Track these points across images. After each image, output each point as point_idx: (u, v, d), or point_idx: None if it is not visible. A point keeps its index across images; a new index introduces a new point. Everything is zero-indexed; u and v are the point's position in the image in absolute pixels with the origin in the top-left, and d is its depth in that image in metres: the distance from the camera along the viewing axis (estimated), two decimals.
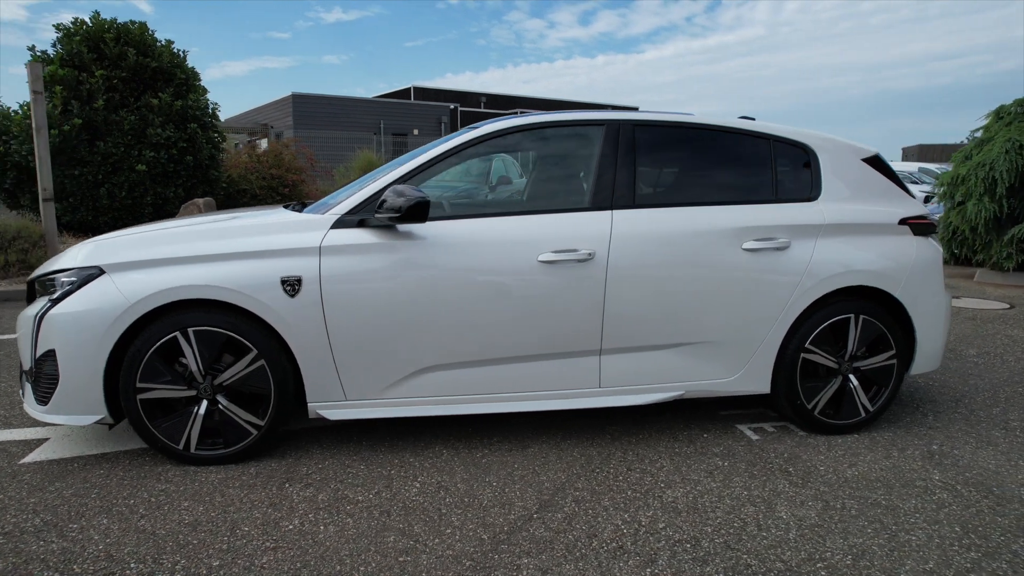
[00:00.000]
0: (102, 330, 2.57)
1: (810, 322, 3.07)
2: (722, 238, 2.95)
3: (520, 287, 2.79)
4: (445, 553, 2.13)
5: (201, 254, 2.66)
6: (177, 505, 2.40)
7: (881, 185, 3.28)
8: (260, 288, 2.63)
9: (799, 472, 2.78)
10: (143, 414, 2.66)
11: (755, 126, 3.21)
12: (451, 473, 2.71)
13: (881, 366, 3.18)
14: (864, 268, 3.07)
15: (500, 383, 2.88)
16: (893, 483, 2.69)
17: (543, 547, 2.18)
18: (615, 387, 2.96)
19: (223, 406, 2.71)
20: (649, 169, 3.07)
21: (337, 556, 2.10)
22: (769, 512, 2.44)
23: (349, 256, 2.71)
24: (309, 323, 2.68)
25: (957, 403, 3.65)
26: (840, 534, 2.30)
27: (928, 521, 2.39)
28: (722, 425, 3.29)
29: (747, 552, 2.18)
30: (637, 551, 2.17)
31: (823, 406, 3.15)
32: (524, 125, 3.02)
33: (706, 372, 3.03)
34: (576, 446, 3.01)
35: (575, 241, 2.82)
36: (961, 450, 3.02)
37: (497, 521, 2.34)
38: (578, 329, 2.86)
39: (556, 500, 2.50)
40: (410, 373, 2.80)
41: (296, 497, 2.48)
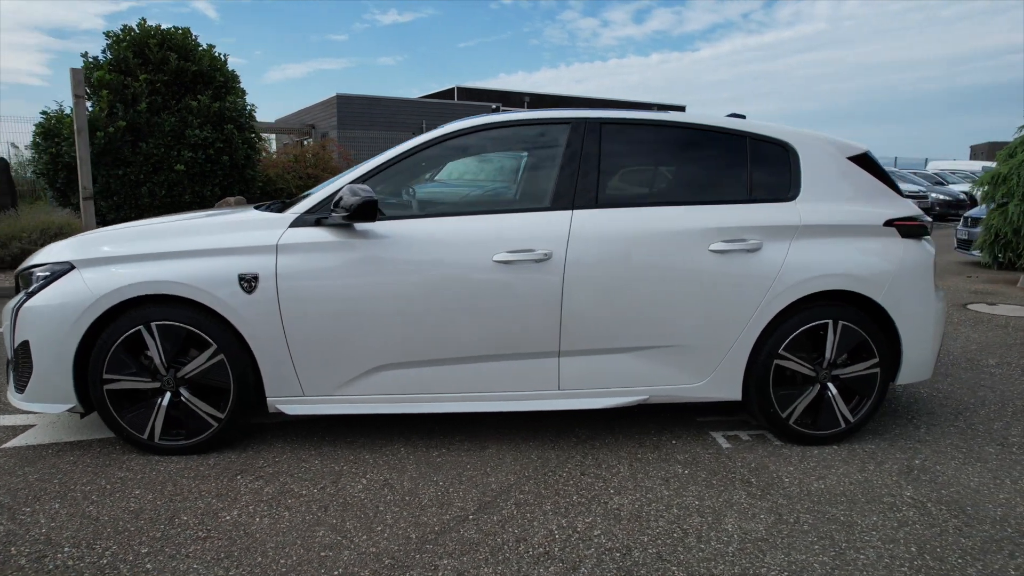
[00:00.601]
0: (70, 323, 2.69)
1: (784, 327, 2.94)
2: (687, 239, 2.86)
3: (474, 287, 2.78)
4: (368, 550, 2.14)
5: (164, 251, 2.75)
6: (129, 493, 2.49)
7: (868, 185, 3.12)
8: (218, 284, 2.70)
9: (761, 483, 2.67)
10: (110, 404, 2.76)
11: (731, 124, 3.10)
12: (401, 471, 2.72)
13: (862, 375, 3.02)
14: (843, 272, 2.93)
15: (457, 383, 2.87)
16: (858, 498, 2.56)
17: (468, 549, 2.16)
18: (575, 390, 2.92)
19: (185, 398, 2.80)
20: (616, 168, 3.01)
21: (262, 548, 2.13)
22: (715, 523, 2.36)
23: (304, 254, 2.75)
24: (265, 319, 2.74)
25: (957, 416, 3.44)
26: (784, 549, 2.20)
27: (884, 540, 2.27)
28: (696, 432, 3.20)
29: (678, 564, 2.11)
30: (562, 558, 2.13)
31: (799, 415, 3.02)
32: (486, 124, 3.00)
33: (671, 377, 2.95)
34: (536, 448, 2.97)
35: (532, 241, 2.79)
36: (945, 466, 2.85)
37: (431, 520, 2.34)
38: (535, 330, 2.83)
39: (497, 502, 2.48)
40: (366, 371, 2.82)
41: (243, 489, 2.54)
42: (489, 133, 3.05)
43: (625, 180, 3.03)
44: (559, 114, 3.04)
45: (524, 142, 3.14)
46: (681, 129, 3.08)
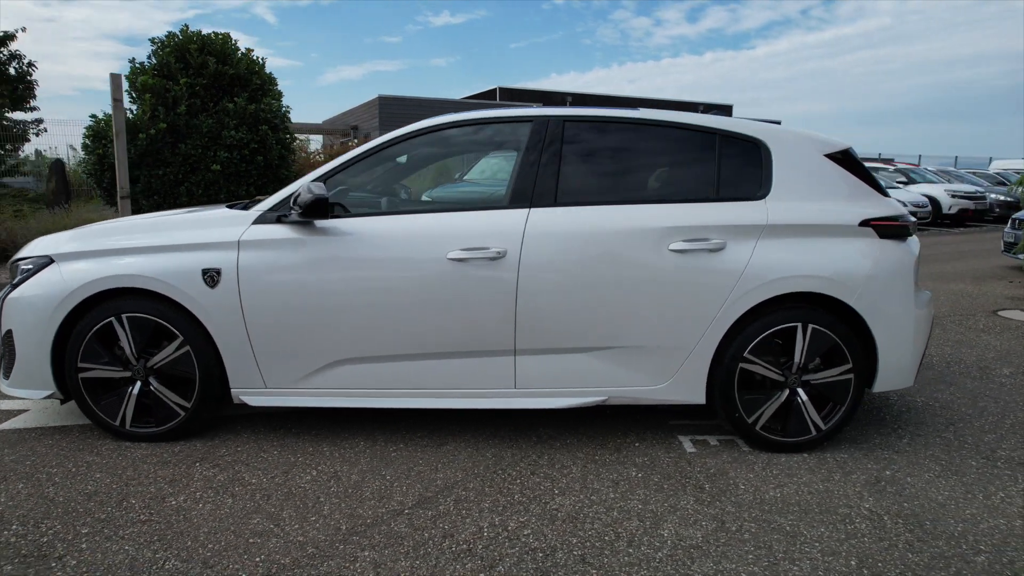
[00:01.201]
0: (48, 313, 2.84)
1: (750, 329, 2.86)
2: (646, 238, 2.81)
3: (428, 284, 2.80)
4: (296, 539, 2.19)
5: (134, 247, 2.87)
6: (90, 476, 2.61)
7: (845, 183, 2.99)
8: (183, 278, 2.81)
9: (714, 489, 2.60)
10: (84, 392, 2.90)
11: (701, 120, 3.03)
12: (353, 464, 2.77)
13: (835, 381, 2.91)
14: (812, 273, 2.83)
15: (415, 379, 2.90)
16: (812, 508, 2.46)
17: (392, 542, 2.19)
18: (532, 389, 2.90)
19: (154, 388, 2.92)
20: (578, 166, 2.98)
21: (194, 533, 2.21)
22: (652, 528, 2.31)
23: (265, 250, 2.83)
24: (228, 313, 2.83)
25: (947, 426, 3.27)
26: (714, 558, 2.14)
27: (824, 552, 2.18)
28: (663, 435, 3.14)
29: (599, 567, 2.08)
30: (483, 555, 2.12)
31: (766, 421, 2.92)
32: (449, 123, 3.02)
33: (631, 379, 2.90)
34: (493, 446, 2.97)
35: (486, 239, 2.79)
36: (917, 478, 2.71)
37: (366, 513, 2.37)
38: (490, 328, 2.83)
39: (437, 498, 2.50)
40: (324, 365, 2.88)
41: (197, 476, 2.63)
42: (452, 132, 3.07)
43: (587, 178, 3.00)
44: (521, 112, 3.03)
45: (487, 141, 3.15)
46: (649, 127, 3.03)
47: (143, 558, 2.06)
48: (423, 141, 3.07)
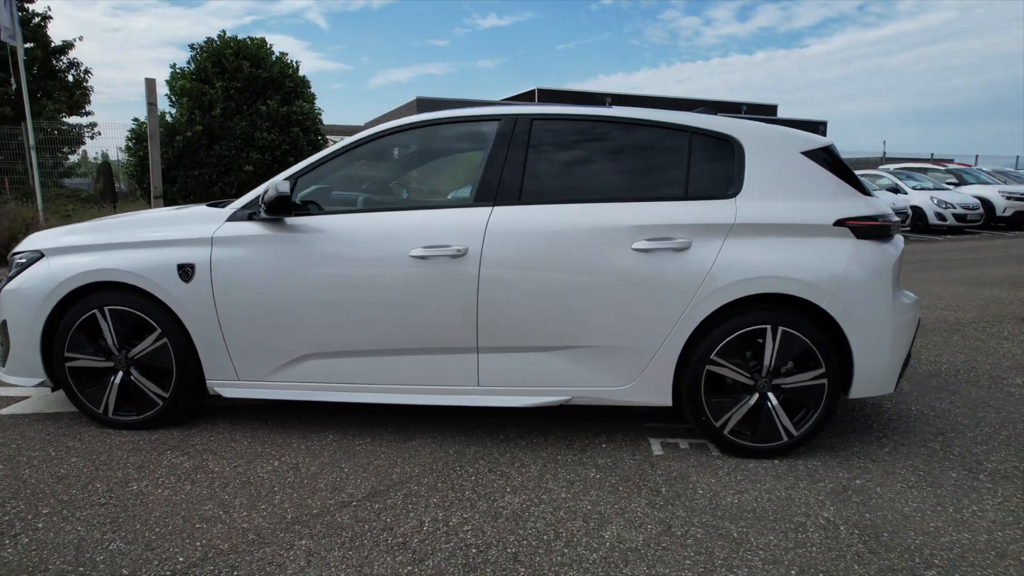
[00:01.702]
0: (37, 305, 2.99)
1: (717, 331, 2.80)
2: (608, 237, 2.78)
3: (391, 281, 2.84)
4: (240, 525, 2.26)
5: (116, 242, 3.00)
6: (66, 460, 2.74)
7: (822, 181, 2.90)
8: (160, 273, 2.92)
9: (670, 493, 2.56)
10: (71, 380, 3.05)
11: (673, 117, 2.99)
12: (316, 456, 2.83)
13: (807, 386, 2.82)
14: (782, 274, 2.75)
15: (380, 374, 2.94)
16: (767, 515, 2.39)
17: (331, 532, 2.23)
18: (495, 387, 2.91)
19: (135, 378, 3.04)
20: (545, 164, 2.97)
21: (146, 517, 2.29)
22: (595, 530, 2.29)
23: (236, 247, 2.91)
24: (201, 306, 2.93)
25: (938, 436, 3.12)
26: (650, 562, 2.11)
27: (767, 560, 2.12)
28: (634, 436, 3.10)
29: (529, 566, 2.07)
30: (416, 549, 2.14)
31: (735, 425, 2.85)
32: (421, 122, 3.05)
33: (595, 379, 2.88)
34: (458, 443, 2.99)
35: (448, 237, 2.81)
36: (888, 488, 2.60)
37: (314, 504, 2.42)
38: (453, 325, 2.85)
39: (388, 491, 2.53)
40: (294, 358, 2.95)
41: (165, 463, 2.73)
42: (424, 131, 3.10)
43: (554, 176, 2.98)
44: (490, 111, 3.04)
45: (458, 140, 3.16)
46: (619, 124, 3.00)
47: (91, 539, 2.15)
48: (395, 141, 3.11)
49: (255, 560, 2.06)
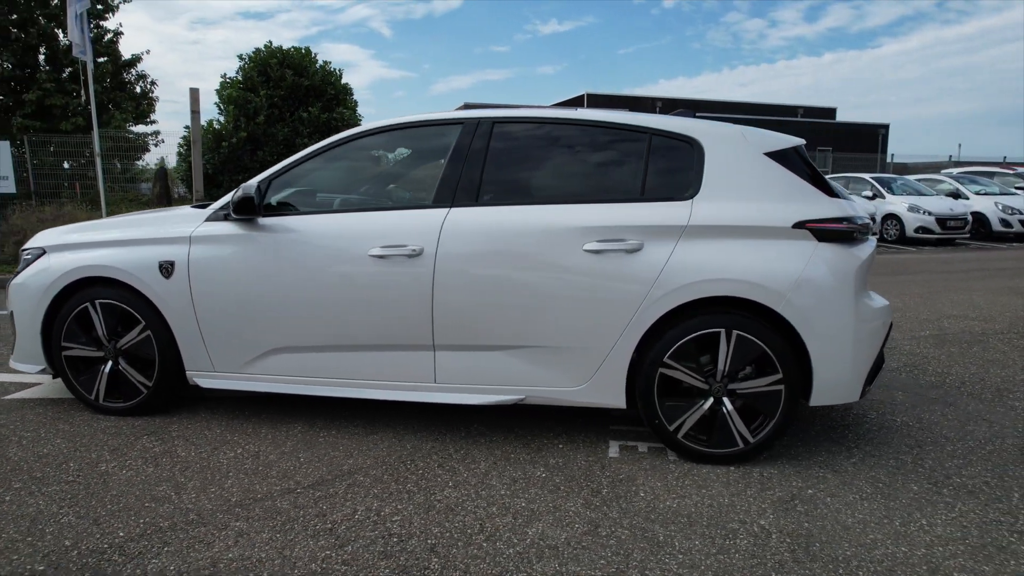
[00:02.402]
0: (38, 297, 3.24)
1: (670, 334, 2.77)
2: (560, 238, 2.80)
3: (351, 280, 2.94)
4: (185, 506, 2.39)
5: (107, 240, 3.22)
6: (51, 441, 2.96)
7: (784, 183, 2.84)
8: (143, 270, 3.12)
9: (610, 495, 2.56)
10: (66, 368, 3.29)
11: (633, 119, 2.98)
12: (279, 445, 2.96)
13: (764, 391, 2.76)
14: (735, 277, 2.70)
15: (344, 369, 3.05)
16: (701, 520, 2.37)
17: (266, 516, 2.34)
18: (451, 384, 2.97)
19: (123, 367, 3.25)
20: (505, 167, 3.01)
21: (102, 495, 2.46)
22: (521, 526, 2.32)
23: (211, 245, 3.08)
24: (180, 301, 3.11)
25: (914, 448, 3.00)
26: (564, 560, 2.12)
27: (683, 564, 2.10)
28: (596, 438, 3.10)
29: (442, 557, 2.12)
30: (339, 535, 2.23)
31: (690, 429, 2.82)
32: (388, 126, 3.15)
33: (549, 379, 2.90)
34: (418, 438, 3.06)
35: (405, 237, 2.90)
36: (839, 499, 2.52)
37: (260, 489, 2.54)
38: (409, 323, 2.92)
39: (334, 481, 2.62)
40: (263, 352, 3.09)
41: (138, 447, 2.91)
42: (392, 134, 3.20)
43: (513, 178, 3.03)
44: (453, 115, 3.11)
45: (423, 143, 3.25)
46: (580, 126, 3.02)
47: (48, 512, 2.33)
48: (366, 143, 3.22)
49: (188, 538, 2.19)
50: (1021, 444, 3.06)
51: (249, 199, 2.91)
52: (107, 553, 2.10)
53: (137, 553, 2.10)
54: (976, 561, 2.12)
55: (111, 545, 2.14)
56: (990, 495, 2.56)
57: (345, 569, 2.04)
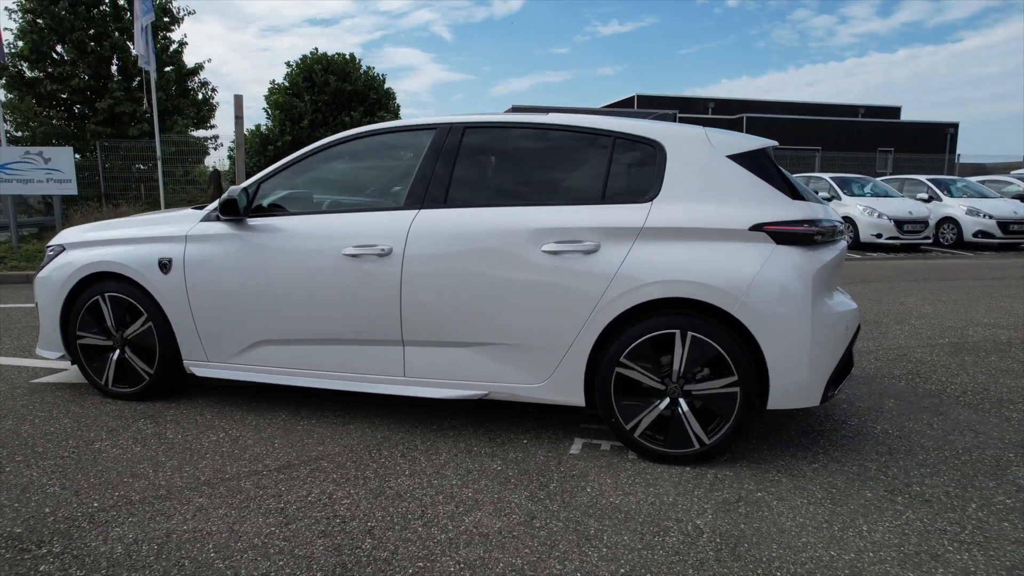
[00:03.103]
0: (57, 290, 3.56)
1: (627, 334, 2.82)
2: (520, 239, 2.89)
3: (326, 277, 3.11)
4: (158, 483, 2.61)
5: (116, 238, 3.51)
6: (60, 421, 3.25)
7: (745, 185, 2.84)
8: (144, 266, 3.38)
9: (557, 489, 2.63)
10: (81, 356, 3.59)
11: (598, 123, 3.04)
12: (259, 432, 3.15)
13: (719, 393, 2.77)
14: (688, 278, 2.73)
15: (322, 361, 3.22)
16: (638, 517, 2.41)
17: (228, 494, 2.52)
18: (419, 378, 3.10)
19: (128, 355, 3.53)
20: (473, 170, 3.12)
21: (88, 470, 2.71)
22: (460, 514, 2.42)
23: (204, 244, 3.32)
24: (177, 296, 3.35)
25: (885, 455, 2.94)
26: (490, 547, 2.21)
27: (603, 557, 2.16)
28: (563, 435, 3.17)
29: (376, 538, 2.25)
30: (288, 514, 2.38)
31: (646, 429, 2.86)
32: (365, 132, 3.31)
33: (511, 375, 2.99)
34: (390, 429, 3.21)
35: (376, 237, 3.05)
36: (785, 503, 2.52)
37: (230, 470, 2.73)
38: (380, 319, 3.07)
39: (299, 465, 2.79)
40: (250, 344, 3.30)
41: (133, 428, 3.16)
42: (370, 140, 3.36)
43: (480, 181, 3.13)
44: (427, 121, 3.25)
45: (400, 147, 3.39)
46: (546, 131, 3.10)
47: (38, 483, 2.59)
48: (345, 149, 3.39)
49: (152, 511, 2.40)
50: (1000, 455, 2.95)
51: (232, 201, 3.13)
52: (78, 521, 2.32)
53: (104, 522, 2.32)
54: (903, 568, 2.09)
55: (84, 514, 2.37)
56: (945, 504, 2.50)
57: (283, 544, 2.20)
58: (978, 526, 2.35)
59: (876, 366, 4.40)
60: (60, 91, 16.94)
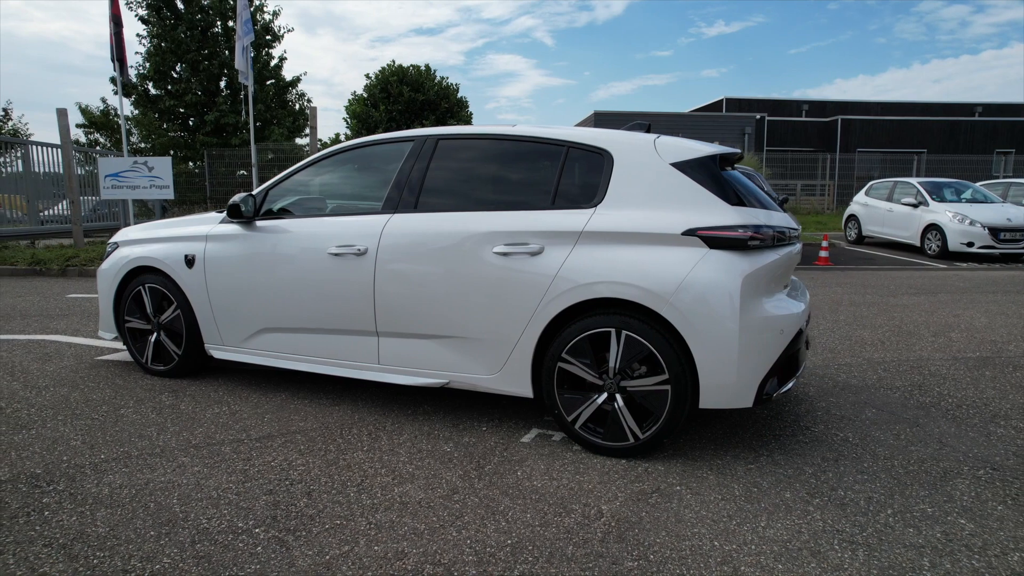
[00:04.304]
0: (111, 281, 4.20)
1: (567, 331, 3.02)
2: (475, 241, 3.15)
3: (315, 273, 3.51)
4: (158, 444, 3.08)
5: (153, 237, 4.09)
6: (102, 391, 3.85)
7: (685, 192, 2.96)
8: (174, 261, 3.93)
9: (491, 471, 2.86)
10: (128, 337, 4.21)
11: (553, 133, 3.25)
12: (257, 408, 3.59)
13: (652, 391, 2.90)
14: (620, 280, 2.88)
15: (313, 348, 3.62)
16: (549, 500, 2.61)
17: (209, 456, 2.95)
18: (391, 366, 3.43)
19: (162, 338, 4.10)
20: (442, 178, 3.41)
21: (108, 429, 3.23)
22: (393, 485, 2.72)
23: (220, 243, 3.81)
24: (199, 287, 3.88)
25: (828, 461, 2.95)
26: (400, 513, 2.49)
27: (497, 529, 2.38)
28: (520, 424, 3.39)
29: (315, 499, 2.58)
30: (249, 475, 2.77)
31: (586, 422, 3.03)
32: (357, 144, 3.69)
33: (468, 367, 3.25)
34: (369, 411, 3.55)
35: (355, 238, 3.41)
36: (699, 497, 2.62)
37: (218, 437, 3.17)
38: (357, 312, 3.43)
39: (276, 437, 3.19)
40: (255, 331, 3.77)
41: (156, 400, 3.70)
42: (363, 151, 3.73)
43: (448, 188, 3.41)
44: (408, 133, 3.57)
45: (388, 157, 3.73)
46: (509, 141, 3.34)
47: (65, 436, 3.14)
48: (344, 158, 3.79)
49: (143, 464, 2.86)
50: (952, 468, 2.88)
51: (235, 206, 3.60)
52: (84, 468, 2.82)
53: (103, 470, 2.80)
54: (775, 561, 2.18)
55: (90, 463, 2.87)
56: (860, 509, 2.52)
57: (234, 498, 2.58)
58: (880, 530, 2.37)
59: (879, 376, 4.28)
60: (177, 106, 18.89)
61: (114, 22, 12.53)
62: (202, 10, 19.01)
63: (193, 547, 2.24)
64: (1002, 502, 2.58)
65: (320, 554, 2.22)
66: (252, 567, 2.14)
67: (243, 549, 2.24)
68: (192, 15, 19.21)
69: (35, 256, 9.51)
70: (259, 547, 2.25)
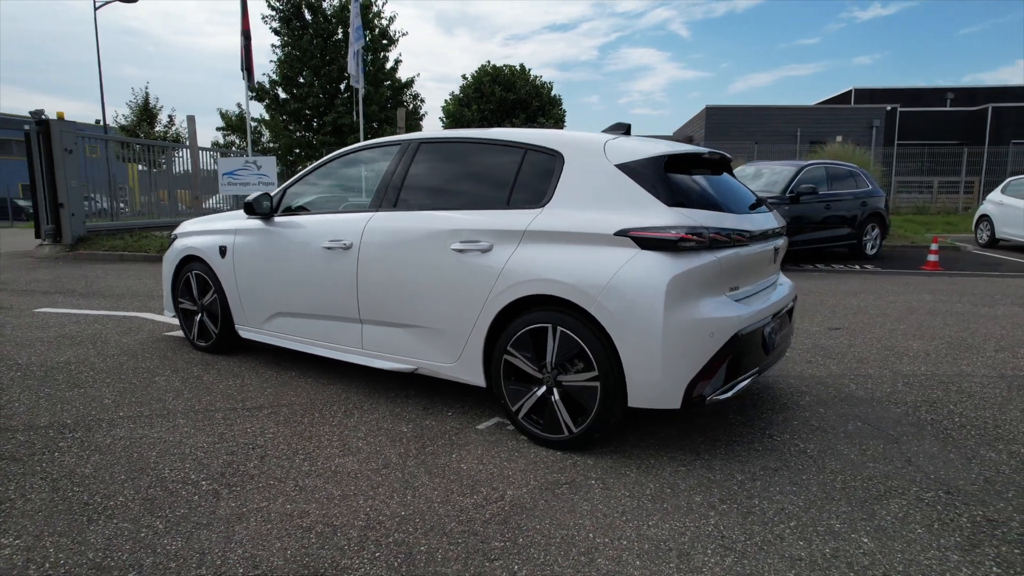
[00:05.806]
0: (170, 267, 4.88)
1: (512, 326, 3.16)
2: (436, 239, 3.37)
3: (312, 265, 3.89)
4: (168, 406, 3.60)
5: (199, 230, 4.70)
6: (151, 359, 4.50)
7: (625, 193, 2.99)
8: (212, 252, 4.50)
9: (430, 451, 3.08)
10: (180, 316, 4.87)
11: (514, 135, 3.39)
12: (265, 382, 4.05)
13: (583, 386, 2.98)
14: (552, 278, 2.98)
15: (313, 332, 4.03)
16: (464, 481, 2.78)
17: (202, 419, 3.41)
18: (371, 351, 3.74)
19: (204, 318, 4.70)
20: (420, 178, 3.66)
21: (135, 392, 3.81)
22: (334, 456, 3.01)
23: (246, 236, 4.32)
24: (230, 275, 4.42)
25: (767, 471, 2.87)
26: (327, 479, 2.78)
27: (400, 502, 2.60)
28: (484, 413, 3.57)
29: (260, 459, 2.94)
30: (223, 436, 3.18)
31: (528, 412, 3.17)
32: (356, 148, 4.04)
33: (433, 354, 3.49)
34: (355, 391, 3.89)
35: (343, 234, 3.75)
36: (606, 492, 2.69)
37: (219, 405, 3.64)
38: (344, 300, 3.77)
39: (263, 408, 3.61)
40: (271, 315, 4.23)
41: (187, 371, 4.27)
42: (363, 154, 4.07)
43: (423, 188, 3.64)
44: (398, 137, 3.85)
45: (381, 159, 4.02)
46: (479, 144, 3.52)
47: (103, 396, 3.75)
48: (344, 161, 4.15)
49: (147, 422, 3.38)
50: (897, 487, 2.70)
51: (250, 204, 4.08)
52: (102, 422, 3.39)
53: (115, 424, 3.35)
54: (635, 557, 2.22)
55: (107, 418, 3.43)
56: (763, 519, 2.46)
57: (201, 455, 3.00)
58: (768, 540, 2.32)
59: (893, 390, 3.98)
60: (301, 108, 20.63)
61: (244, 36, 13.97)
62: (325, 19, 20.65)
63: (147, 491, 2.67)
64: (926, 526, 2.41)
65: (241, 506, 2.56)
66: (182, 510, 2.52)
67: (184, 496, 2.63)
68: (317, 24, 20.92)
69: (163, 245, 10.94)
70: (196, 496, 2.63)
